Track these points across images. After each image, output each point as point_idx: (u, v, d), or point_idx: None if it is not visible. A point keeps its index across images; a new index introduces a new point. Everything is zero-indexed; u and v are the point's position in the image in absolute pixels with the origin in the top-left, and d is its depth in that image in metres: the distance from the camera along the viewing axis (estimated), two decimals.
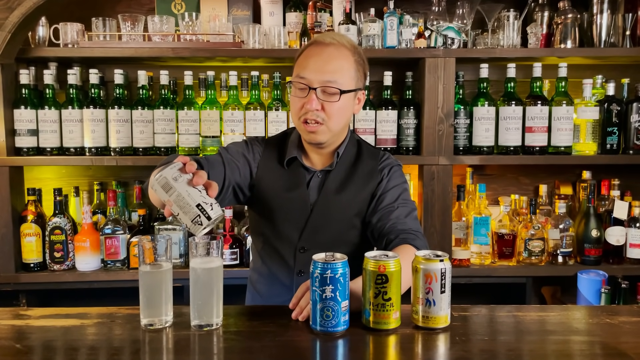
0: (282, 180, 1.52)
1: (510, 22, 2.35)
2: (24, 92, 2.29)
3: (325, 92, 1.41)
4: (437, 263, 1.07)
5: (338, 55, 1.44)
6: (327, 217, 1.50)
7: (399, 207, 1.49)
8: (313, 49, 1.45)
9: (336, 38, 1.46)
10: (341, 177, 1.53)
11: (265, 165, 1.55)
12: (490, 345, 1.03)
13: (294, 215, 1.51)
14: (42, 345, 1.04)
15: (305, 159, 1.55)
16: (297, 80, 1.44)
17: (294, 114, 1.48)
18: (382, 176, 1.54)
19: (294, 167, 1.54)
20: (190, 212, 1.05)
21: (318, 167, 1.54)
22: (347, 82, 1.43)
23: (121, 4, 2.55)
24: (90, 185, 2.56)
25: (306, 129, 1.44)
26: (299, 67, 1.45)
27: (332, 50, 1.44)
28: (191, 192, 1.06)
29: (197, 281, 1.10)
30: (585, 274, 2.26)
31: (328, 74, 1.41)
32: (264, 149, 1.58)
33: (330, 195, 1.51)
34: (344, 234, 1.53)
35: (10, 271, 2.27)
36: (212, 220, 1.06)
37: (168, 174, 1.07)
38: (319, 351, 1.03)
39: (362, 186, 1.53)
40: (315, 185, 1.53)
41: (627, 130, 2.37)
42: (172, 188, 1.06)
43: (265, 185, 1.53)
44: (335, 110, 1.42)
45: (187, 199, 1.05)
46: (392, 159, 1.60)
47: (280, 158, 1.55)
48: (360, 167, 1.54)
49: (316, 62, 1.42)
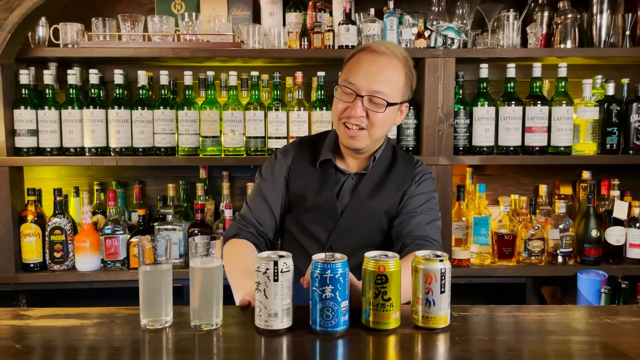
0: (313, 181, 1.54)
1: (510, 22, 2.35)
2: (24, 92, 2.29)
3: (372, 101, 1.41)
4: (437, 263, 1.07)
5: (390, 66, 1.43)
6: (357, 220, 1.51)
7: (422, 213, 1.50)
8: (365, 56, 1.44)
9: (390, 48, 1.45)
10: (375, 181, 1.53)
11: (297, 167, 1.58)
12: (490, 345, 1.03)
13: (323, 216, 1.52)
14: (42, 345, 1.04)
15: (339, 162, 1.56)
16: (346, 84, 1.43)
17: (334, 114, 1.47)
18: (412, 182, 1.55)
19: (326, 169, 1.55)
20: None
21: (353, 170, 1.55)
22: (394, 94, 1.43)
23: (121, 4, 2.55)
24: (90, 185, 2.56)
25: (347, 133, 1.45)
26: (349, 71, 1.44)
27: (384, 60, 1.42)
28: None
29: (197, 281, 1.10)
30: (585, 274, 2.26)
31: (378, 84, 1.40)
32: (296, 151, 1.60)
33: (363, 198, 1.52)
34: (372, 237, 1.53)
35: (10, 271, 2.27)
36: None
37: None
38: (319, 351, 1.03)
39: (394, 191, 1.53)
40: (348, 188, 1.54)
41: (627, 130, 2.37)
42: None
43: (297, 186, 1.56)
44: (378, 120, 1.43)
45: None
46: (425, 167, 1.61)
47: (314, 159, 1.56)
48: (394, 172, 1.55)
49: (368, 70, 1.41)
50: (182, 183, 2.49)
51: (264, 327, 1.06)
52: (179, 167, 2.57)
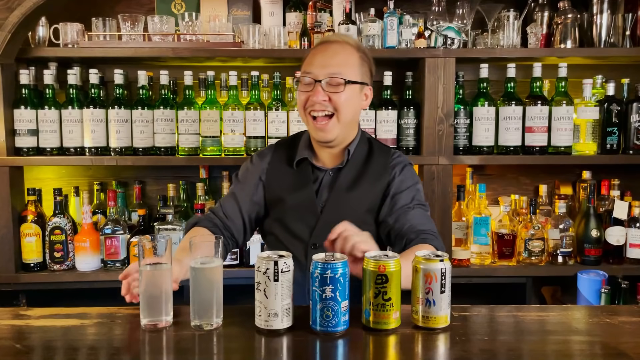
0: (291, 181, 1.56)
1: (510, 22, 2.35)
2: (24, 92, 2.29)
3: (330, 83, 1.46)
4: (437, 263, 1.07)
5: (342, 50, 1.50)
6: (338, 215, 1.48)
7: (416, 207, 1.51)
8: (319, 47, 1.53)
9: (341, 37, 1.57)
10: (352, 174, 1.55)
11: (274, 169, 1.60)
12: (490, 345, 1.03)
13: (304, 214, 1.53)
14: (42, 345, 1.04)
15: (315, 159, 1.57)
16: (304, 75, 1.50)
17: (300, 107, 1.52)
18: (393, 174, 1.56)
19: (303, 167, 1.57)
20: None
21: (329, 165, 1.57)
22: (351, 73, 1.48)
23: (121, 4, 2.55)
24: (90, 185, 2.56)
25: (315, 125, 1.49)
26: (306, 64, 1.52)
27: (336, 46, 1.51)
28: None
29: (197, 281, 1.10)
30: (585, 274, 2.26)
31: (333, 67, 1.47)
32: (273, 153, 1.63)
33: (342, 193, 1.53)
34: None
35: (10, 271, 2.27)
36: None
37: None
38: (319, 351, 1.03)
39: (373, 183, 1.54)
40: (326, 184, 1.55)
41: (627, 130, 2.37)
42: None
43: (276, 187, 1.58)
44: (342, 100, 1.46)
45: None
46: (404, 157, 1.63)
47: (290, 160, 1.59)
48: (371, 164, 1.56)
49: (321, 58, 1.49)
50: (182, 183, 2.49)
51: (264, 327, 1.06)
52: (179, 167, 2.57)
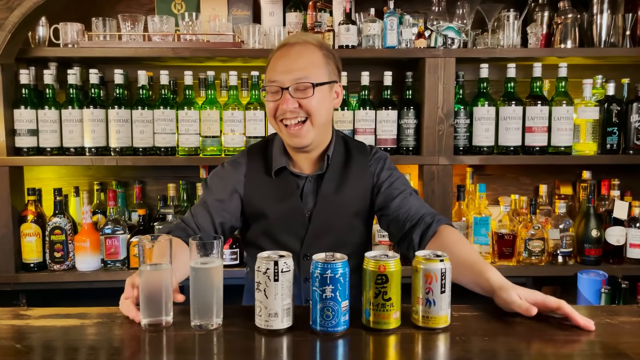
0: (274, 192, 1.50)
1: (510, 22, 2.35)
2: (24, 92, 2.29)
3: (298, 89, 1.40)
4: (437, 263, 1.07)
5: (304, 52, 1.43)
6: (326, 222, 1.49)
7: (412, 193, 1.50)
8: (280, 52, 1.45)
9: (302, 37, 1.47)
10: (335, 180, 1.50)
11: (253, 180, 1.52)
12: (490, 345, 1.03)
13: (292, 225, 1.49)
14: (42, 345, 1.04)
15: (293, 166, 1.52)
16: (269, 84, 1.43)
17: (270, 116, 1.46)
18: (376, 168, 1.53)
19: (284, 176, 1.50)
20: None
21: (307, 172, 1.52)
22: (318, 75, 1.42)
23: (121, 3, 2.55)
24: (90, 185, 2.56)
25: (288, 132, 1.43)
26: (269, 71, 1.45)
27: (298, 48, 1.44)
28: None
29: (197, 281, 1.10)
30: (585, 274, 2.26)
31: (297, 72, 1.40)
32: (247, 162, 1.54)
33: (328, 199, 1.49)
34: (345, 235, 1.52)
35: (10, 271, 2.27)
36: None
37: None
38: (319, 351, 1.02)
39: (357, 184, 1.51)
40: (309, 192, 1.50)
41: (627, 130, 2.37)
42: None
43: (257, 200, 1.51)
44: (313, 104, 1.41)
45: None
46: (381, 152, 1.60)
47: (267, 168, 1.52)
48: (352, 165, 1.53)
49: (285, 63, 1.42)
50: (182, 183, 2.49)
51: (264, 327, 1.06)
52: (179, 167, 2.57)
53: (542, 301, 1.10)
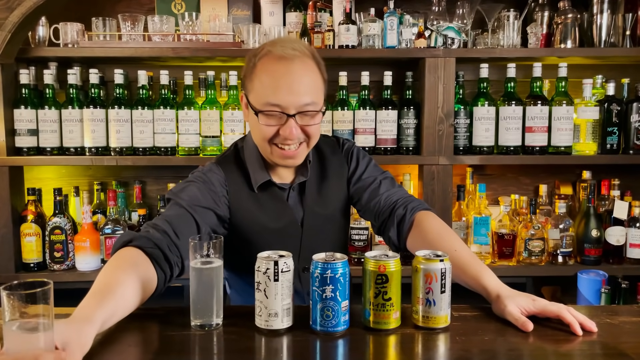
0: (263, 208, 1.39)
1: (510, 22, 2.35)
2: (24, 92, 2.29)
3: (305, 114, 1.28)
4: (437, 263, 1.07)
5: (306, 70, 1.28)
6: (318, 229, 1.45)
7: (382, 181, 1.46)
8: (277, 66, 1.26)
9: (296, 47, 1.28)
10: (316, 184, 1.46)
11: (236, 195, 1.38)
12: (490, 345, 1.03)
13: (286, 239, 1.39)
14: None
15: (274, 176, 1.41)
16: (270, 108, 1.26)
17: (262, 139, 1.30)
18: (349, 162, 1.50)
19: (269, 190, 1.40)
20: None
21: (288, 180, 1.43)
22: (320, 96, 1.31)
23: (121, 3, 2.55)
24: (90, 185, 2.56)
25: (283, 154, 1.31)
26: (267, 91, 1.26)
27: (299, 65, 1.26)
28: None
29: (197, 281, 1.10)
30: (585, 274, 2.26)
31: (304, 96, 1.26)
32: (224, 177, 1.38)
33: (314, 206, 1.44)
34: (335, 236, 1.51)
35: (10, 271, 2.27)
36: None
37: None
38: (319, 351, 1.02)
39: (338, 183, 1.49)
40: (295, 201, 1.43)
41: (627, 130, 2.37)
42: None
43: (244, 218, 1.38)
44: (314, 130, 1.32)
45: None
46: (347, 141, 1.55)
47: (247, 182, 1.39)
48: (329, 166, 1.48)
49: (288, 84, 1.25)
50: None
51: (264, 327, 1.06)
52: (179, 167, 2.57)
53: (541, 309, 1.10)
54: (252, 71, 1.29)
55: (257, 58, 1.29)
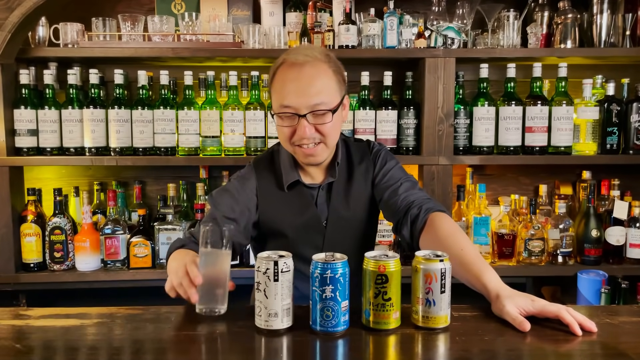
0: (290, 206, 1.49)
1: (510, 22, 2.35)
2: (24, 92, 2.29)
3: (316, 114, 1.36)
4: (437, 263, 1.07)
5: (317, 73, 1.36)
6: (342, 228, 1.51)
7: (404, 183, 1.49)
8: (288, 72, 1.36)
9: (308, 53, 1.37)
10: (344, 184, 1.52)
11: (266, 196, 1.50)
12: (490, 345, 1.03)
13: (310, 236, 1.49)
14: (42, 345, 1.04)
15: (304, 177, 1.51)
16: (282, 110, 1.36)
17: (284, 141, 1.43)
18: (376, 163, 1.54)
19: (298, 189, 1.50)
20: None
21: (319, 180, 1.52)
22: (333, 98, 1.38)
23: (121, 4, 2.55)
24: (90, 185, 2.56)
25: (304, 152, 1.40)
26: (280, 95, 1.37)
27: (309, 69, 1.35)
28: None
29: (205, 266, 1.12)
30: (585, 274, 2.26)
31: (314, 97, 1.34)
32: (257, 177, 1.51)
33: (340, 206, 1.50)
34: (361, 236, 1.54)
35: (10, 271, 2.27)
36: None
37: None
38: (319, 351, 1.03)
39: (364, 184, 1.53)
40: (322, 201, 1.51)
41: (627, 130, 2.37)
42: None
43: (274, 216, 1.49)
44: (329, 129, 1.39)
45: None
46: (376, 144, 1.60)
47: (278, 183, 1.50)
48: (356, 167, 1.54)
49: (297, 87, 1.34)
50: (182, 183, 2.49)
51: (264, 327, 1.06)
52: (179, 167, 2.57)
53: (540, 310, 1.10)
54: (272, 80, 1.42)
55: (276, 68, 1.41)
